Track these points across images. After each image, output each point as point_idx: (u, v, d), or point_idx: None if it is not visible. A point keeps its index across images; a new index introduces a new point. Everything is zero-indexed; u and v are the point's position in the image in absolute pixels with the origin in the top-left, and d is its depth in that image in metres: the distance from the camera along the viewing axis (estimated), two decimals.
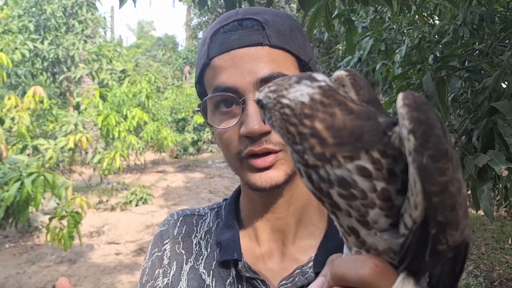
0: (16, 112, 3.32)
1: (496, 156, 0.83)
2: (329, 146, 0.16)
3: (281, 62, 0.33)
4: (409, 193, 0.17)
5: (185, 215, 0.42)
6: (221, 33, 0.34)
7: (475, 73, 1.08)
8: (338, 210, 0.18)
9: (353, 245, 0.19)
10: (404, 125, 0.16)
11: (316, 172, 0.17)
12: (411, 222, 0.18)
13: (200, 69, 0.36)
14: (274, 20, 0.34)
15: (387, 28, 1.57)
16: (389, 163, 0.17)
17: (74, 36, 6.07)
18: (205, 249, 0.39)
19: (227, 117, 0.34)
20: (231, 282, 0.36)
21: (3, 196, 2.00)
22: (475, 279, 2.05)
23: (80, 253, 2.94)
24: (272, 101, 0.18)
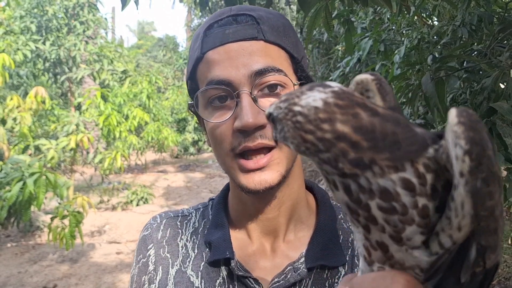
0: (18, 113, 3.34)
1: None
2: (365, 150, 0.15)
3: (276, 57, 0.33)
4: (452, 213, 0.16)
5: (169, 217, 0.41)
6: (215, 28, 0.33)
7: (474, 74, 1.08)
8: (373, 224, 0.17)
9: (376, 260, 0.18)
10: (460, 145, 0.15)
11: (356, 181, 0.16)
12: (450, 243, 0.17)
13: (193, 64, 0.35)
14: (268, 17, 0.34)
15: (386, 29, 1.58)
16: (432, 178, 0.16)
17: (75, 37, 6.11)
18: (192, 250, 0.37)
19: (220, 112, 0.33)
20: (221, 283, 0.35)
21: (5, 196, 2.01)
22: None
23: (82, 252, 2.96)
24: (283, 110, 0.16)
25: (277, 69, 0.32)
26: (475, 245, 0.17)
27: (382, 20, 1.65)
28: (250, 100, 0.32)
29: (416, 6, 1.26)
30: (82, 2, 6.17)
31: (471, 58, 1.09)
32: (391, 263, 0.18)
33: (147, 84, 5.72)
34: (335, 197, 0.18)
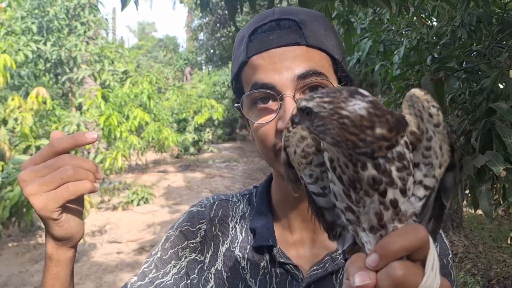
0: (20, 113, 3.36)
1: (494, 157, 0.84)
2: (393, 138, 0.21)
3: (317, 60, 0.36)
4: (432, 158, 0.23)
5: (221, 200, 0.45)
6: (259, 33, 0.36)
7: (473, 74, 1.09)
8: (390, 186, 0.22)
9: (387, 220, 0.23)
10: (433, 106, 0.23)
11: (384, 157, 0.22)
12: (433, 182, 0.24)
13: (238, 66, 0.38)
14: (310, 21, 0.36)
15: (385, 30, 1.59)
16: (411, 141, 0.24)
17: (76, 37, 6.13)
18: (240, 233, 0.41)
19: (264, 113, 0.36)
20: (264, 266, 0.38)
21: (7, 195, 2.02)
22: (473, 277, 2.06)
23: (83, 252, 2.97)
24: (328, 111, 0.20)
25: (319, 73, 0.35)
26: (452, 175, 0.24)
27: (381, 20, 1.66)
28: (293, 103, 0.34)
29: (415, 6, 1.26)
30: (83, 3, 6.19)
31: (470, 58, 1.09)
32: (398, 218, 0.23)
33: (148, 85, 5.74)
34: (354, 176, 0.22)
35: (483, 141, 0.91)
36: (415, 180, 0.23)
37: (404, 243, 0.21)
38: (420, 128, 0.23)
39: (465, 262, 2.25)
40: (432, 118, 0.23)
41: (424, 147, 0.24)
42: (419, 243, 0.21)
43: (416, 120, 0.24)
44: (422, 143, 0.24)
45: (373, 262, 0.21)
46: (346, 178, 0.22)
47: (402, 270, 0.21)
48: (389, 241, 0.21)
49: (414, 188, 0.23)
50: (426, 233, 0.22)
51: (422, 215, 0.24)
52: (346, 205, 0.24)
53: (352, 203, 0.23)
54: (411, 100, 0.24)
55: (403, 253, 0.21)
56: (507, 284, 1.99)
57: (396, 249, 0.21)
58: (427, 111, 0.23)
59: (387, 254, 0.21)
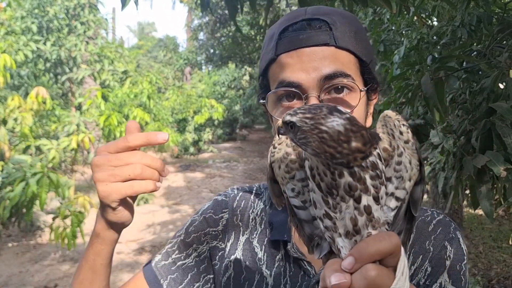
0: (19, 113, 3.35)
1: (494, 157, 0.84)
2: (367, 150, 0.24)
3: (345, 62, 0.37)
4: (402, 172, 0.26)
5: (244, 191, 0.47)
6: (289, 31, 0.37)
7: (473, 74, 1.09)
8: (364, 192, 0.25)
9: (361, 225, 0.25)
10: (403, 125, 0.27)
11: (358, 166, 0.24)
12: (404, 193, 0.27)
13: (267, 63, 0.39)
14: (341, 22, 0.37)
15: (386, 29, 1.59)
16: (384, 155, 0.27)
17: (76, 37, 6.13)
18: (259, 225, 0.43)
19: (288, 110, 0.38)
20: (280, 259, 0.40)
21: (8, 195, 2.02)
22: (473, 277, 2.07)
23: (83, 252, 2.96)
24: (309, 126, 0.23)
25: (345, 74, 0.36)
26: (420, 188, 0.27)
27: (381, 20, 1.66)
28: (317, 103, 0.36)
29: (415, 6, 1.26)
30: (82, 3, 6.19)
31: (471, 58, 1.09)
32: (372, 224, 0.25)
33: (148, 85, 5.74)
34: (332, 184, 0.25)
35: (483, 141, 0.91)
36: (387, 192, 0.26)
37: (378, 247, 0.23)
38: (392, 145, 0.26)
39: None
40: (402, 135, 0.27)
41: (396, 162, 0.26)
42: (393, 248, 0.23)
43: (388, 138, 0.27)
44: (394, 159, 0.26)
45: (349, 264, 0.23)
46: (324, 184, 0.25)
47: (375, 271, 0.22)
48: (365, 245, 0.23)
49: (387, 199, 0.26)
50: (399, 239, 0.24)
51: (394, 225, 0.26)
52: (324, 211, 0.26)
53: (330, 209, 0.25)
54: (384, 120, 0.28)
55: (378, 257, 0.23)
56: (507, 284, 2.00)
57: (371, 252, 0.23)
58: (398, 129, 0.27)
59: (362, 257, 0.23)
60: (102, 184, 0.33)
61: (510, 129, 0.88)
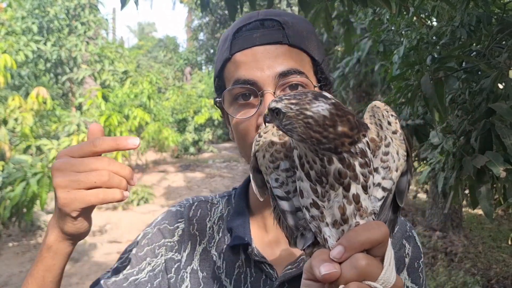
0: (20, 113, 3.36)
1: (494, 157, 0.84)
2: (354, 135, 0.24)
3: (298, 60, 0.36)
4: (389, 162, 0.26)
5: (200, 200, 0.45)
6: (243, 31, 0.37)
7: (473, 74, 1.09)
8: (353, 180, 0.24)
9: (349, 214, 0.24)
10: (392, 115, 0.27)
11: (347, 152, 0.24)
12: (391, 184, 0.26)
13: (221, 64, 0.38)
14: (293, 22, 0.37)
15: (385, 30, 1.59)
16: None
17: (76, 37, 6.14)
18: (217, 233, 0.42)
19: (245, 109, 0.37)
20: (240, 265, 0.39)
21: (8, 195, 2.03)
22: (472, 277, 2.07)
23: (83, 251, 2.98)
24: (295, 112, 0.23)
25: (299, 71, 0.36)
26: (406, 178, 0.27)
27: (381, 20, 1.66)
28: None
29: (415, 6, 1.27)
30: (83, 3, 6.20)
31: (470, 58, 1.10)
32: (360, 213, 0.25)
33: (148, 85, 5.75)
34: (321, 171, 0.24)
35: (483, 142, 0.91)
36: (374, 182, 0.25)
37: (368, 236, 0.23)
38: (379, 136, 0.26)
39: (465, 262, 2.25)
40: (390, 126, 0.26)
41: (383, 152, 0.26)
42: (382, 237, 0.23)
43: (376, 128, 0.26)
44: (381, 149, 0.26)
45: (338, 253, 0.22)
46: (314, 172, 0.24)
47: (365, 261, 0.22)
48: (355, 234, 0.23)
49: (373, 189, 0.25)
50: (387, 229, 0.24)
51: (380, 215, 0.26)
52: (311, 200, 0.25)
53: (318, 197, 0.24)
54: (372, 110, 0.27)
55: (367, 245, 0.23)
56: (506, 283, 2.00)
57: (361, 241, 0.23)
58: (386, 119, 0.26)
59: (352, 245, 0.23)
60: (63, 190, 0.29)
61: (510, 129, 0.88)
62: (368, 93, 3.24)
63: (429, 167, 1.36)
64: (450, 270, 2.16)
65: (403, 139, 0.26)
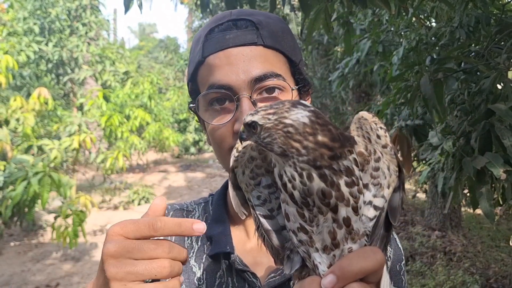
0: (21, 113, 3.37)
1: (494, 159, 0.85)
2: (337, 148, 0.22)
3: (274, 62, 0.35)
4: (380, 178, 0.24)
5: (175, 209, 0.43)
6: (216, 32, 0.35)
7: (472, 75, 1.09)
8: (340, 201, 0.22)
9: (340, 238, 0.23)
10: (381, 128, 0.25)
11: (329, 168, 0.22)
12: (383, 202, 0.24)
13: (194, 67, 0.36)
14: (268, 22, 0.36)
15: (384, 30, 1.60)
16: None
17: (78, 38, 6.17)
18: (195, 242, 0.39)
19: (220, 114, 0.35)
20: (221, 275, 0.36)
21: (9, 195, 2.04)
22: (471, 276, 2.06)
23: (84, 251, 2.99)
24: (273, 122, 0.21)
25: (276, 74, 0.34)
26: (398, 195, 0.25)
27: (380, 21, 1.67)
28: (250, 104, 0.34)
29: (414, 7, 1.27)
30: (84, 4, 6.23)
31: (469, 59, 1.10)
32: (351, 237, 0.23)
33: (149, 85, 5.76)
34: (304, 190, 0.22)
35: (483, 142, 0.91)
36: (365, 201, 0.24)
37: (362, 265, 0.21)
38: (368, 149, 0.24)
39: (464, 261, 2.24)
40: (380, 140, 0.24)
41: (373, 167, 0.24)
42: (377, 266, 0.21)
43: (364, 141, 0.24)
44: (370, 164, 0.24)
45: (330, 283, 0.21)
46: (298, 194, 0.22)
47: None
48: (348, 263, 0.21)
49: (364, 208, 0.24)
50: (383, 256, 0.22)
51: (373, 236, 0.24)
52: (299, 225, 0.23)
53: (306, 222, 0.23)
54: (359, 122, 0.25)
55: (361, 275, 0.21)
56: (505, 283, 2.00)
57: (355, 270, 0.21)
58: (375, 133, 0.24)
59: (345, 275, 0.21)
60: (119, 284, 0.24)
61: (509, 131, 0.88)
62: (368, 93, 3.23)
63: (428, 167, 1.36)
64: (449, 269, 2.15)
65: (393, 153, 0.25)
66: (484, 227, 2.91)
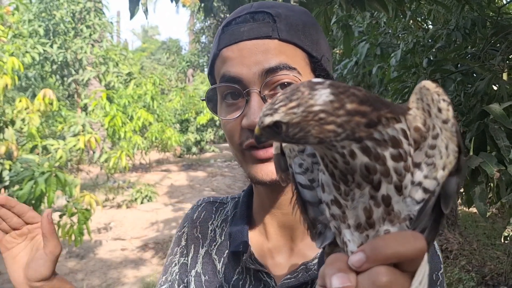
0: (27, 114, 3.42)
1: (488, 158, 0.86)
2: (371, 113, 0.18)
3: (291, 55, 0.32)
4: (435, 158, 0.20)
5: (208, 201, 0.43)
6: (232, 25, 0.33)
7: (468, 76, 1.11)
8: (385, 177, 0.19)
9: (377, 218, 0.19)
10: (444, 100, 0.20)
11: (371, 139, 0.18)
12: (434, 184, 0.20)
13: (211, 60, 0.35)
14: (288, 15, 0.33)
15: (382, 33, 1.62)
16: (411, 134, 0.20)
17: (82, 40, 6.21)
18: (219, 236, 0.40)
19: (232, 109, 0.34)
20: (240, 271, 0.37)
21: (16, 194, 2.09)
22: (467, 273, 2.06)
23: (88, 248, 3.03)
24: (301, 114, 0.18)
25: (290, 67, 0.31)
26: (455, 179, 0.21)
27: (378, 24, 1.68)
28: (259, 100, 0.31)
29: (411, 10, 1.29)
30: (88, 7, 6.29)
31: (465, 61, 1.12)
32: (390, 218, 0.20)
33: (151, 86, 5.80)
34: (346, 169, 0.19)
35: (477, 143, 0.93)
36: (413, 181, 0.20)
37: (398, 250, 0.18)
38: (427, 124, 0.20)
39: (460, 259, 2.24)
40: (441, 113, 0.20)
41: (429, 145, 0.20)
42: (416, 253, 0.18)
43: (423, 115, 0.20)
44: (427, 141, 0.20)
45: (358, 262, 0.18)
46: (339, 171, 0.19)
47: (387, 277, 0.18)
48: (382, 243, 0.18)
49: (412, 189, 0.20)
50: (425, 244, 0.18)
51: (417, 222, 0.20)
52: (333, 197, 0.21)
53: (340, 195, 0.20)
54: (420, 92, 0.20)
55: (394, 260, 0.18)
56: (500, 280, 1.99)
57: (388, 253, 0.18)
58: (436, 105, 0.20)
59: (376, 256, 0.18)
60: None
61: (503, 131, 0.90)
62: None
63: None
64: (445, 267, 2.14)
65: (455, 131, 0.20)
66: (480, 226, 2.89)
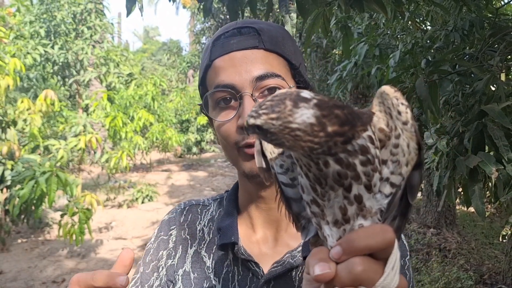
0: (29, 115, 3.44)
1: (486, 158, 0.87)
2: (348, 132, 0.20)
3: (274, 64, 0.38)
4: (399, 156, 0.23)
5: (191, 205, 0.46)
6: (222, 39, 0.38)
7: (466, 77, 1.12)
8: (355, 180, 0.21)
9: (351, 215, 0.22)
10: (402, 104, 0.23)
11: (344, 151, 0.21)
12: (400, 179, 0.24)
13: (203, 71, 0.40)
14: (269, 29, 0.39)
15: (381, 34, 1.63)
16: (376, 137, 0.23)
17: (83, 41, 6.23)
18: (207, 235, 0.42)
19: (226, 112, 0.38)
20: (228, 264, 0.39)
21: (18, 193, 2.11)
22: (465, 272, 2.07)
23: (89, 248, 3.04)
24: (278, 127, 0.20)
25: (276, 74, 0.37)
26: (418, 173, 0.24)
27: (377, 25, 1.70)
28: (252, 101, 0.36)
29: (410, 11, 1.30)
30: (89, 8, 6.32)
31: (463, 62, 1.12)
32: (363, 214, 0.23)
33: (152, 87, 5.82)
34: (320, 174, 0.22)
35: (476, 142, 0.94)
36: (382, 177, 0.23)
37: (369, 243, 0.21)
38: (389, 125, 0.23)
39: (458, 258, 2.25)
40: (400, 116, 0.23)
41: (393, 144, 0.23)
42: (385, 245, 0.21)
43: (385, 117, 0.23)
44: (391, 140, 0.23)
45: (336, 254, 0.21)
46: (312, 175, 0.22)
47: (361, 266, 0.21)
48: (355, 238, 0.21)
49: (381, 185, 0.23)
50: (394, 235, 0.21)
51: (388, 213, 0.24)
52: (312, 197, 0.23)
53: (318, 196, 0.23)
54: (381, 96, 0.24)
55: (367, 251, 0.21)
56: (498, 279, 1.99)
57: (360, 247, 0.21)
58: (396, 108, 0.23)
59: (350, 249, 0.21)
60: None
61: (501, 131, 0.90)
62: (365, 95, 3.26)
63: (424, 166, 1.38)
64: (444, 266, 2.15)
65: (414, 131, 0.23)
66: (478, 225, 2.91)
